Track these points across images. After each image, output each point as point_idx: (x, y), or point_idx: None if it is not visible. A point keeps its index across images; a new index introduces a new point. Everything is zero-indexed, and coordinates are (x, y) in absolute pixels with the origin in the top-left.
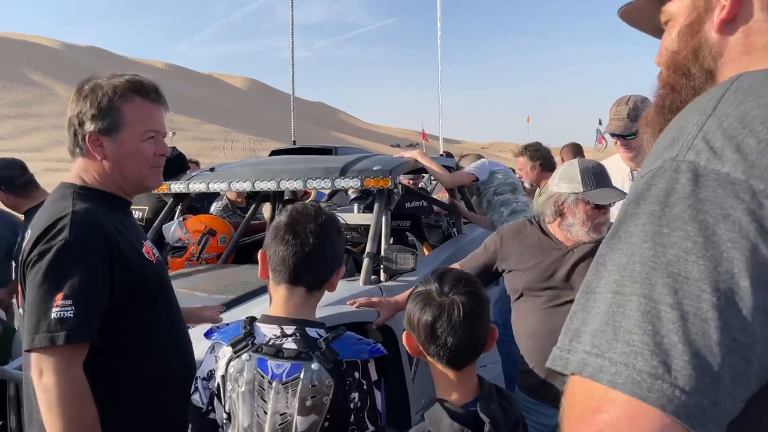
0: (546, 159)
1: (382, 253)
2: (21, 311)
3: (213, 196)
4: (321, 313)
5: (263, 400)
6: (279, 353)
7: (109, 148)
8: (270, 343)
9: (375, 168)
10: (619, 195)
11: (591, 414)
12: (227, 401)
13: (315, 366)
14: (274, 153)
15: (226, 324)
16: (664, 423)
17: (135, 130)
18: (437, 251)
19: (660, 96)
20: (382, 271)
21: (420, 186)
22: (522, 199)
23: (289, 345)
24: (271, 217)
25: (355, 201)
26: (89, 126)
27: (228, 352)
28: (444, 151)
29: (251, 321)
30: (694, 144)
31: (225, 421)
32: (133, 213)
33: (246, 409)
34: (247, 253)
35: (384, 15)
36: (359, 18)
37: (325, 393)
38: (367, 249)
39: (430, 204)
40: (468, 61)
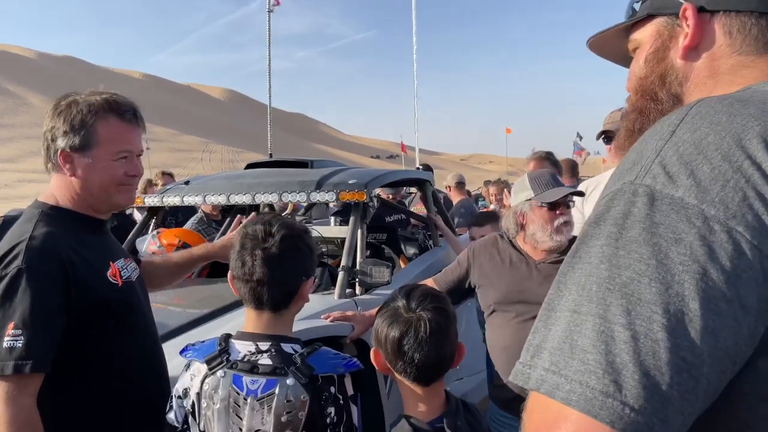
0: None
1: (357, 267)
2: None
3: (189, 209)
4: (295, 327)
5: (238, 417)
6: (254, 369)
7: (79, 165)
8: (245, 360)
9: (350, 181)
10: (568, 190)
11: (546, 429)
12: (202, 419)
13: (290, 381)
14: (250, 166)
15: (201, 341)
16: None
17: (107, 149)
18: (413, 264)
19: (630, 120)
20: (357, 285)
21: (398, 199)
22: None
23: (265, 361)
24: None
25: (336, 214)
26: (60, 142)
27: (203, 369)
28: (422, 164)
29: (226, 338)
30: (651, 168)
31: None
32: None
33: (221, 427)
34: (222, 267)
35: (365, 27)
36: (340, 29)
37: (301, 408)
38: (342, 262)
39: (407, 217)
40: (447, 73)
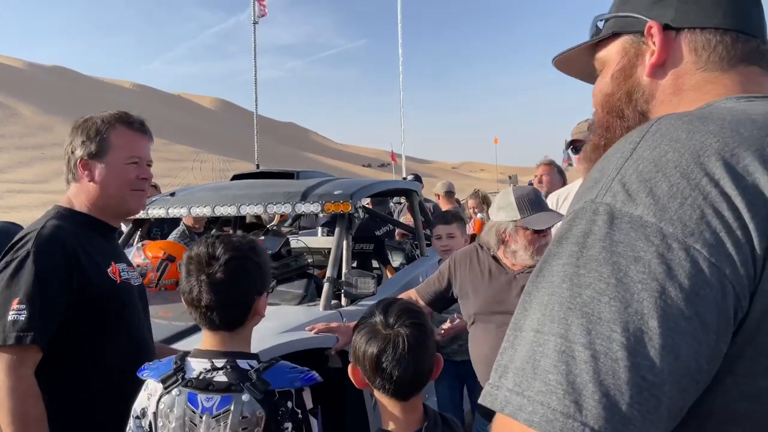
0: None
1: (342, 278)
2: None
3: (175, 221)
4: (279, 340)
5: None
6: (209, 386)
7: (97, 170)
8: (200, 377)
9: (336, 192)
10: (556, 218)
11: None
12: None
13: (245, 397)
14: (236, 177)
15: (158, 360)
16: None
17: (120, 154)
18: (399, 274)
19: (596, 135)
20: (342, 296)
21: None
22: None
23: (220, 378)
24: None
25: (325, 225)
26: (79, 152)
27: (159, 388)
28: (412, 173)
29: (183, 356)
30: (611, 186)
31: None
32: None
33: None
34: None
35: (355, 36)
36: (330, 39)
37: (257, 425)
38: (327, 273)
39: (393, 227)
40: (437, 82)
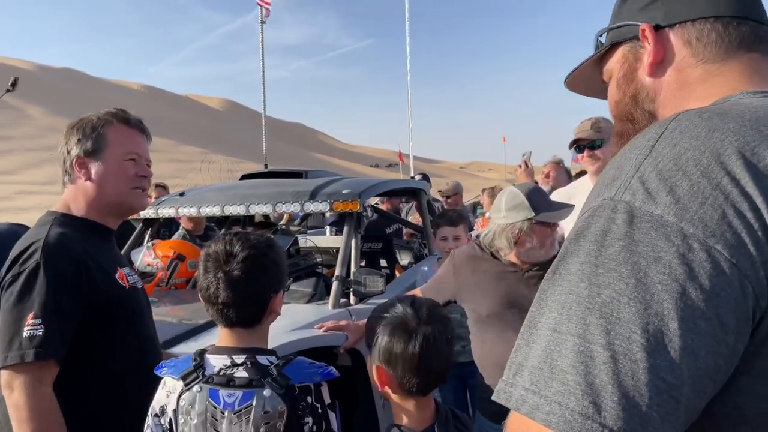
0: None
1: (351, 277)
2: None
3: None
4: (289, 338)
5: (216, 431)
6: (230, 382)
7: (94, 168)
8: (221, 373)
9: (344, 191)
10: (569, 208)
11: None
12: None
13: (267, 392)
14: (244, 177)
15: (175, 358)
16: None
17: (117, 151)
18: (408, 273)
19: (613, 144)
20: (351, 294)
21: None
22: None
23: (240, 374)
24: None
25: (333, 224)
26: (75, 150)
27: (179, 385)
28: (419, 172)
29: (201, 353)
30: (630, 184)
31: None
32: None
33: None
34: None
35: (361, 36)
36: (337, 39)
37: (279, 419)
38: (336, 272)
39: (401, 226)
40: (445, 81)
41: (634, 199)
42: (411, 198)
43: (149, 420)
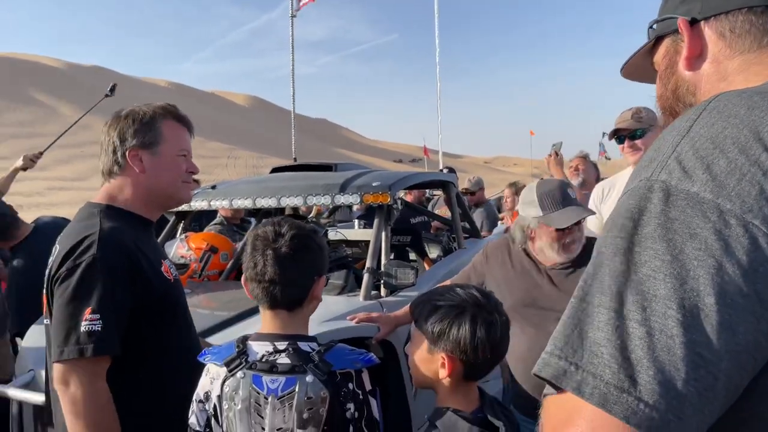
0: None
1: (382, 269)
2: (47, 322)
3: (213, 215)
4: (321, 329)
5: (260, 416)
6: (273, 369)
7: (148, 161)
8: (263, 360)
9: (374, 184)
10: (580, 213)
11: (562, 426)
12: (224, 421)
13: (309, 378)
14: (275, 170)
15: (218, 345)
16: None
17: (172, 146)
18: (437, 266)
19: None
20: (382, 287)
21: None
22: None
23: (283, 360)
24: None
25: (360, 218)
26: (131, 141)
27: (222, 372)
28: (446, 166)
29: (244, 339)
30: (667, 164)
31: None
32: None
33: (243, 428)
34: None
35: (386, 31)
36: (362, 34)
37: (321, 405)
38: (367, 264)
39: (429, 219)
40: (470, 76)
41: (670, 178)
42: (442, 191)
43: (194, 406)
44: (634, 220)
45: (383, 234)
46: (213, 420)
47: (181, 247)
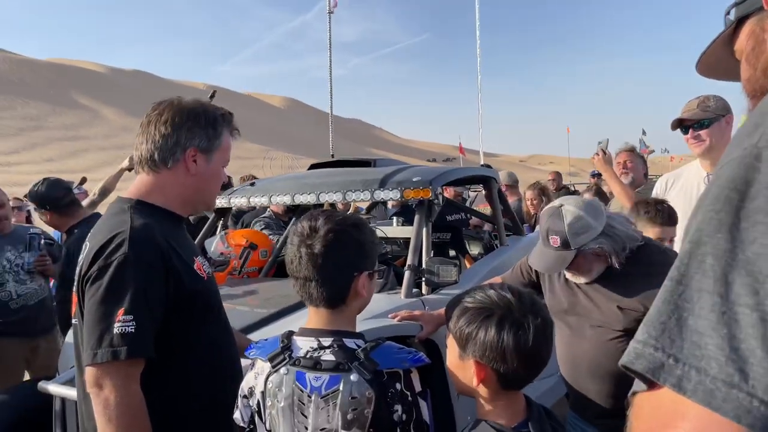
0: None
1: (423, 266)
2: (75, 322)
3: (252, 214)
4: (361, 327)
5: (303, 415)
6: (317, 365)
7: (202, 165)
8: (307, 356)
9: (415, 179)
10: (548, 265)
11: (660, 428)
12: (268, 418)
13: (354, 377)
14: (313, 166)
15: (264, 339)
16: None
17: (223, 156)
18: (480, 264)
19: None
20: (423, 284)
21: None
22: None
23: (327, 357)
24: None
25: (396, 215)
26: (194, 140)
27: (266, 367)
28: (483, 164)
29: (289, 335)
30: None
31: None
32: None
33: (287, 426)
34: None
35: (418, 31)
36: (393, 35)
37: (366, 405)
38: (408, 261)
39: (467, 216)
40: (505, 75)
41: None
42: (483, 186)
43: (238, 401)
44: (739, 192)
45: (424, 230)
46: (256, 416)
47: (221, 244)
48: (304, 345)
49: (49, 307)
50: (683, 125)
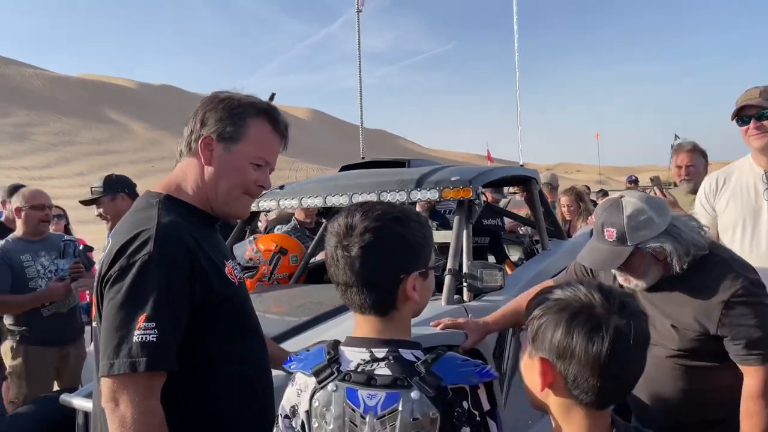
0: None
1: (465, 270)
2: (94, 325)
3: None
4: None
5: None
6: (371, 381)
7: (218, 155)
8: (359, 370)
9: (453, 178)
10: (600, 260)
11: None
12: None
13: (415, 395)
14: (344, 168)
15: (305, 350)
16: None
17: (250, 149)
18: (522, 269)
19: None
20: (465, 290)
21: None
22: None
23: (382, 371)
24: None
25: (429, 218)
26: (210, 127)
27: (311, 383)
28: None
29: (335, 345)
30: None
31: None
32: None
33: None
34: (319, 273)
35: (444, 40)
36: (419, 44)
37: (431, 428)
38: (449, 266)
39: (502, 222)
40: (531, 82)
41: None
42: (522, 188)
43: (279, 421)
44: None
45: (465, 233)
46: None
47: (250, 249)
48: (354, 357)
49: (79, 317)
50: (743, 115)
